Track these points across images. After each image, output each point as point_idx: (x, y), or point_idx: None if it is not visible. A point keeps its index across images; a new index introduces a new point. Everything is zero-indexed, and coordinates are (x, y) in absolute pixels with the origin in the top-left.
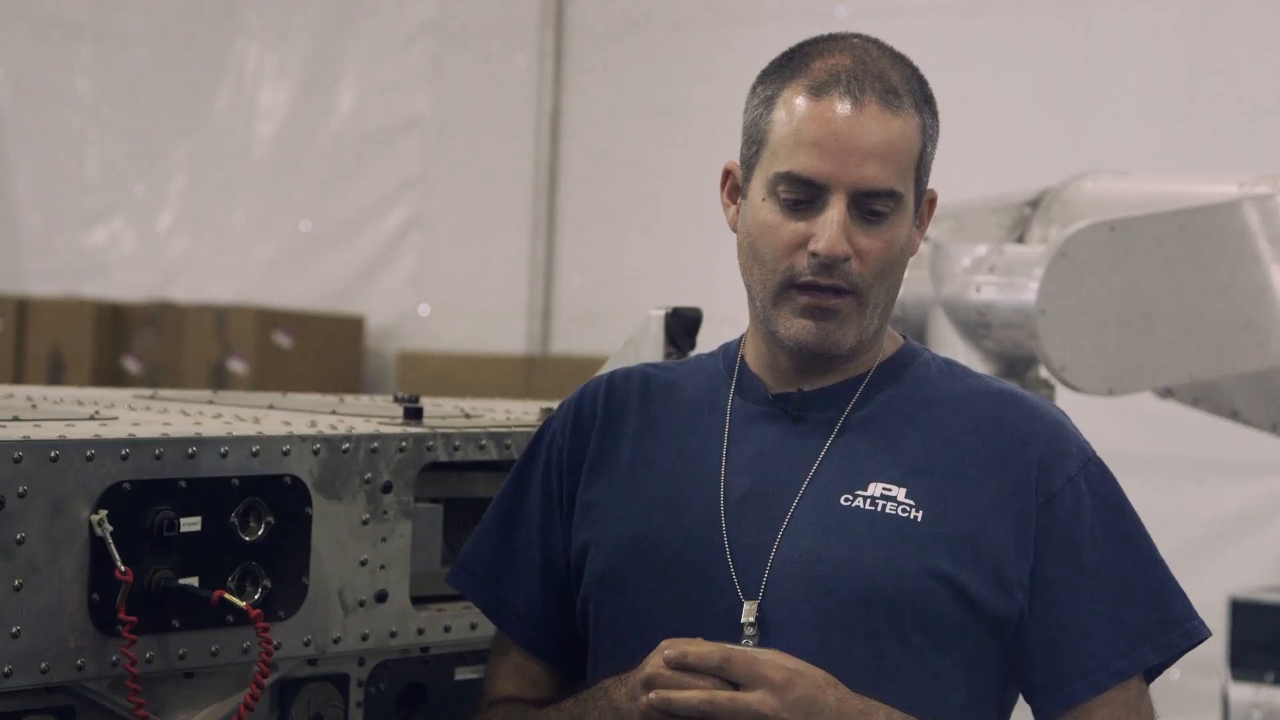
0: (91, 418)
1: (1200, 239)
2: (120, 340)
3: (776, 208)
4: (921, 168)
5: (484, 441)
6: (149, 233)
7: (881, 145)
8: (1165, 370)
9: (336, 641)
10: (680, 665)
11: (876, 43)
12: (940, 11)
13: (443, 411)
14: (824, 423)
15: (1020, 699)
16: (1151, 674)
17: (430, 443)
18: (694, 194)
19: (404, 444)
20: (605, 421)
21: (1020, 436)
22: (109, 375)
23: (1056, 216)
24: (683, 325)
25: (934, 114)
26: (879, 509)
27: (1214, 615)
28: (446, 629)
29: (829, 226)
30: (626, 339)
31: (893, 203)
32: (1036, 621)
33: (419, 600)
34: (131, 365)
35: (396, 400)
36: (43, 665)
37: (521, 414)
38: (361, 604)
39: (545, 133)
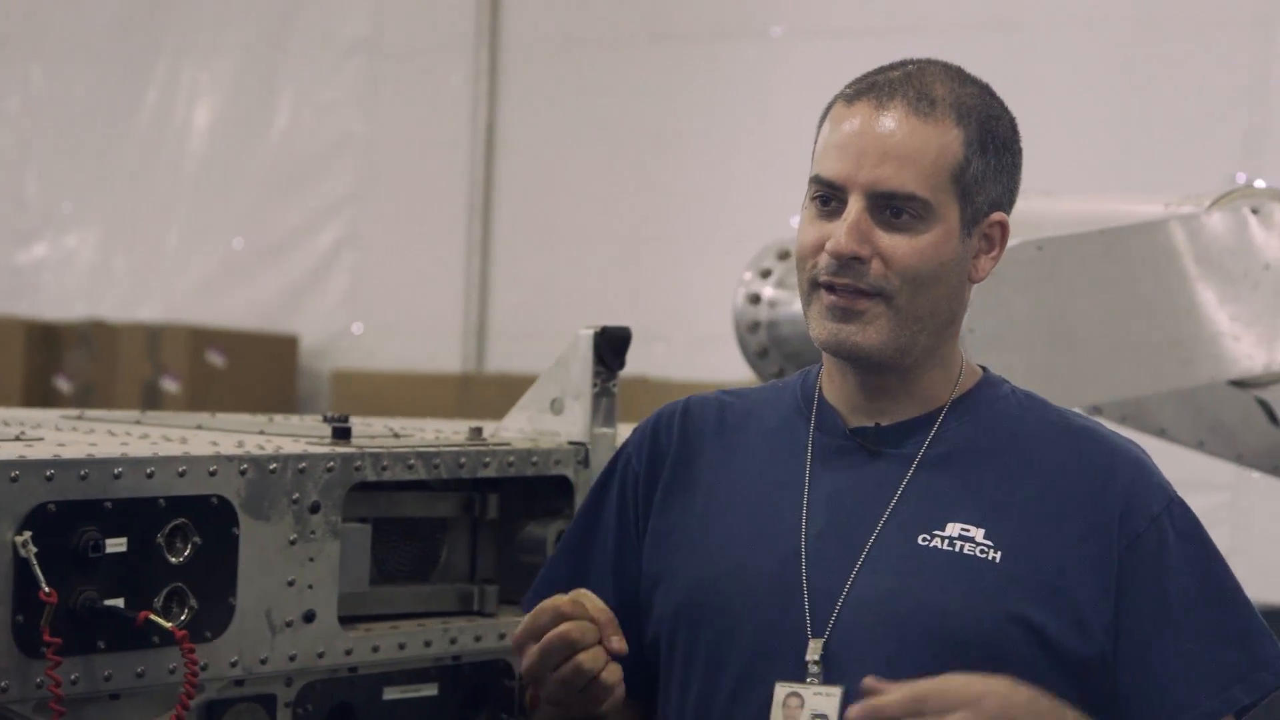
0: (17, 438)
1: (1127, 258)
2: (51, 359)
3: (813, 212)
4: (966, 183)
5: (412, 461)
6: (80, 251)
7: (900, 148)
8: (1092, 389)
9: (264, 662)
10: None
11: (946, 65)
12: (874, 33)
13: (372, 431)
14: (901, 459)
15: None
16: (1239, 714)
17: (358, 462)
18: (629, 213)
19: (332, 464)
20: (681, 447)
21: (1101, 476)
22: (40, 395)
23: None
24: (611, 344)
25: (990, 133)
26: (957, 550)
27: None
28: (374, 649)
29: (841, 224)
30: (556, 358)
31: (918, 207)
32: (1124, 664)
33: (347, 620)
34: (63, 385)
35: (325, 420)
36: None
37: (451, 434)
38: (289, 624)
39: (480, 151)
